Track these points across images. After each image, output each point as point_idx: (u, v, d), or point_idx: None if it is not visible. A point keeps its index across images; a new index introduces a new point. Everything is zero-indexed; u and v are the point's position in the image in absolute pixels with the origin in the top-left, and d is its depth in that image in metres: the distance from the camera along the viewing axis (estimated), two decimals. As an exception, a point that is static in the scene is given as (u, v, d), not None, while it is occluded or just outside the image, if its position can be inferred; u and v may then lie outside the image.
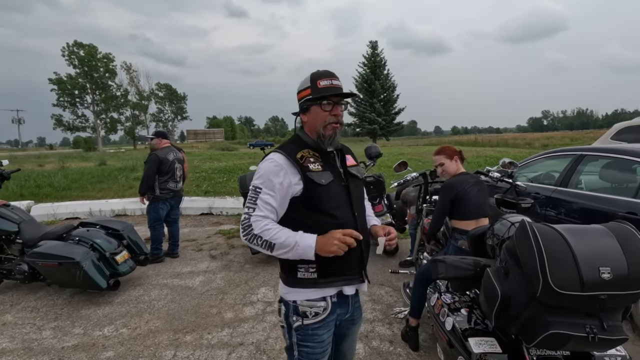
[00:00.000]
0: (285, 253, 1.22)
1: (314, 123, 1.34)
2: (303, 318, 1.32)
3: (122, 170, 11.81)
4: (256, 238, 1.22)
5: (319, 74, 1.33)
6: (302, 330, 1.33)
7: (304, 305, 1.31)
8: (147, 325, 2.92)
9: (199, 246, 4.96)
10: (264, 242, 1.21)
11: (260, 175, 1.27)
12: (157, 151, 4.28)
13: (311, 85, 1.32)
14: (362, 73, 38.80)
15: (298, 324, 1.33)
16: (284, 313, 1.36)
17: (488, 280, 1.46)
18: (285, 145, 1.36)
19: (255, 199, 1.25)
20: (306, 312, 1.31)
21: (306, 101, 1.33)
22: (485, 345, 1.53)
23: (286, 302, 1.35)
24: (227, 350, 2.54)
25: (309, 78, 1.33)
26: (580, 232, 1.26)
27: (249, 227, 1.23)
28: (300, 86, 1.37)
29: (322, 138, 1.33)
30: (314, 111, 1.33)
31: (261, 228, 1.22)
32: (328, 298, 1.33)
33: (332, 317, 1.35)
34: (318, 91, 1.30)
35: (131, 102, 45.27)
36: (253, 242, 1.23)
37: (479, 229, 2.01)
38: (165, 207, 4.34)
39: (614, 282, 1.15)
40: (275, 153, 1.32)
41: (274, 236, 1.21)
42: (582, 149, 3.47)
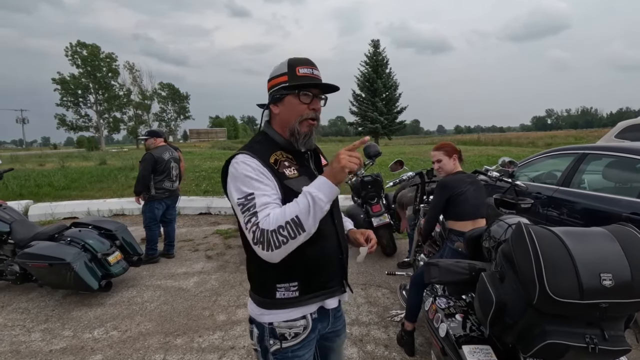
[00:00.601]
0: (314, 217, 0.98)
1: (287, 117, 1.14)
2: (281, 341, 1.16)
3: (122, 170, 11.80)
4: (277, 233, 0.97)
5: (298, 61, 1.13)
6: (280, 354, 1.17)
7: (282, 327, 1.15)
8: (138, 328, 2.86)
9: (195, 246, 4.91)
10: (287, 226, 0.97)
11: (241, 182, 1.03)
12: (152, 150, 4.23)
13: (288, 72, 1.12)
14: (364, 72, 38.62)
15: (276, 347, 1.16)
16: (257, 336, 1.19)
17: (483, 285, 1.39)
18: (252, 145, 1.13)
19: (253, 206, 1.00)
20: (284, 333, 1.15)
21: (280, 89, 1.12)
22: (480, 354, 1.45)
23: (260, 324, 1.17)
24: (218, 354, 2.48)
25: (285, 63, 1.14)
26: (580, 236, 1.18)
27: (263, 233, 0.97)
28: (274, 72, 1.16)
29: (296, 136, 1.14)
30: (289, 102, 1.13)
31: (273, 220, 0.98)
32: (308, 316, 1.17)
33: (313, 334, 1.21)
34: (297, 79, 1.11)
35: (134, 101, 45.38)
36: (280, 242, 0.97)
37: (475, 231, 1.93)
38: (161, 206, 4.29)
39: (616, 290, 1.07)
40: (245, 156, 1.07)
41: (290, 212, 0.98)
42: (584, 147, 3.38)
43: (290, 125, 1.14)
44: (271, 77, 1.17)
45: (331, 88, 1.17)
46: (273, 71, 1.17)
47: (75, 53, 39.72)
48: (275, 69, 1.16)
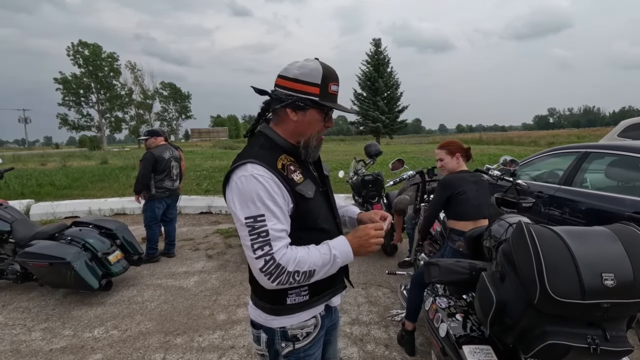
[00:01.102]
0: (324, 275, 1.05)
1: (304, 129, 1.10)
2: (294, 342, 1.14)
3: (123, 169, 11.83)
4: (292, 276, 0.98)
5: (331, 74, 1.07)
6: (293, 356, 1.16)
7: (294, 328, 1.14)
8: (138, 327, 2.86)
9: (195, 245, 4.91)
10: (303, 274, 1.00)
11: (249, 200, 0.98)
12: (153, 149, 4.23)
13: (321, 85, 1.05)
14: (366, 71, 38.55)
15: (289, 349, 1.14)
16: (265, 341, 1.15)
17: (483, 285, 1.37)
18: (257, 152, 1.06)
19: (264, 232, 0.97)
20: (297, 334, 1.14)
21: (308, 100, 1.06)
22: (481, 354, 1.44)
23: (269, 328, 1.14)
24: (218, 354, 2.47)
25: (320, 73, 1.05)
26: (581, 235, 1.17)
27: (278, 268, 0.96)
28: (304, 76, 1.05)
29: (308, 149, 1.11)
30: (313, 116, 1.08)
31: (293, 262, 0.98)
32: (317, 315, 1.18)
33: (322, 332, 1.22)
34: (328, 96, 1.07)
35: (135, 101, 45.46)
36: (288, 282, 0.99)
37: (476, 230, 1.92)
38: (161, 206, 4.28)
39: (618, 290, 1.05)
40: (253, 165, 1.01)
41: (311, 262, 1.00)
42: (587, 146, 3.35)
43: (306, 138, 1.11)
44: (299, 80, 1.05)
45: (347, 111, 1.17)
46: (301, 73, 1.05)
47: (77, 53, 39.79)
48: (304, 72, 1.05)
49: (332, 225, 1.18)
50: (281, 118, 1.11)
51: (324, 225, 1.14)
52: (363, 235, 1.06)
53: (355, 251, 1.07)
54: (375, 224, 1.09)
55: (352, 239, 1.08)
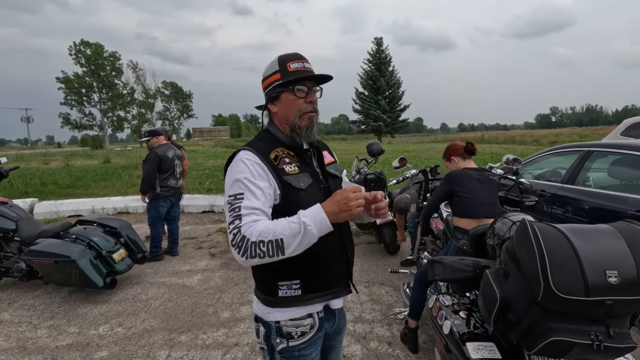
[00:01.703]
0: (298, 246, 0.97)
1: (286, 113, 1.15)
2: (288, 340, 1.15)
3: (126, 168, 11.86)
4: (257, 246, 0.95)
5: (288, 56, 1.14)
6: (287, 353, 1.16)
7: (289, 325, 1.14)
8: (143, 325, 2.88)
9: (199, 244, 4.93)
10: (268, 244, 0.95)
11: (234, 180, 1.04)
12: (156, 149, 4.24)
13: (280, 69, 1.12)
14: (367, 70, 38.47)
15: (282, 346, 1.15)
16: (263, 334, 1.18)
17: (487, 282, 1.38)
18: (255, 142, 1.15)
19: (238, 207, 1.00)
20: (291, 332, 1.15)
21: (275, 87, 1.13)
22: (484, 351, 1.45)
23: (266, 322, 1.16)
24: (222, 351, 2.49)
25: (276, 61, 1.14)
26: (585, 233, 1.17)
27: (243, 240, 0.96)
28: (266, 72, 1.16)
29: (298, 130, 1.14)
30: (286, 99, 1.14)
31: (257, 231, 0.96)
32: (315, 314, 1.17)
33: (320, 333, 1.21)
34: (289, 74, 1.11)
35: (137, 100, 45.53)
36: (256, 254, 0.96)
37: (479, 228, 1.93)
38: (165, 204, 4.31)
39: (622, 287, 1.06)
40: (245, 151, 1.09)
41: (277, 232, 0.96)
42: (590, 144, 3.35)
43: (290, 121, 1.15)
44: (264, 77, 1.17)
45: (324, 78, 1.16)
46: (265, 71, 1.17)
47: (79, 52, 39.87)
48: (267, 69, 1.17)
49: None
50: (272, 114, 1.20)
51: None
52: (341, 199, 0.99)
53: (335, 216, 0.99)
54: (354, 187, 1.03)
55: (329, 204, 1.00)
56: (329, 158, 1.28)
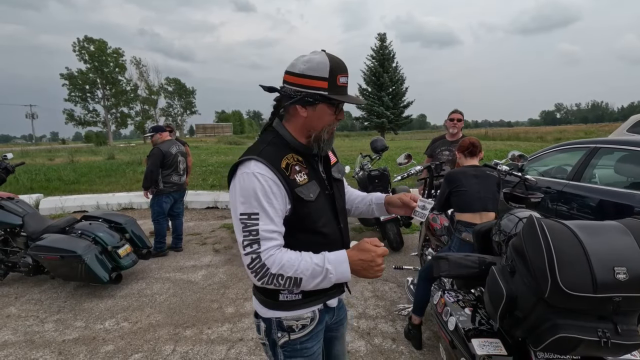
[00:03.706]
0: (314, 286, 1.01)
1: (314, 124, 1.08)
2: (289, 333, 1.15)
3: (130, 164, 11.93)
4: (276, 278, 0.98)
5: (339, 66, 1.04)
6: (289, 346, 1.17)
7: (289, 319, 1.14)
8: (148, 319, 2.90)
9: (202, 240, 4.95)
10: (286, 280, 0.98)
11: (246, 197, 0.99)
12: (160, 145, 4.25)
13: (329, 79, 1.02)
14: (371, 66, 38.33)
15: (284, 340, 1.16)
16: (264, 330, 1.18)
17: (493, 279, 1.38)
18: (263, 148, 1.06)
19: (254, 231, 0.97)
20: (292, 325, 1.15)
21: (317, 95, 1.03)
22: (490, 347, 1.45)
23: (266, 318, 1.16)
24: (227, 346, 2.51)
25: (327, 66, 1.02)
26: (593, 229, 1.17)
27: (262, 268, 0.97)
28: (311, 71, 1.02)
29: (319, 142, 1.10)
30: (323, 110, 1.06)
31: (279, 263, 0.97)
32: (315, 309, 1.18)
33: (321, 326, 1.22)
34: (337, 89, 1.04)
35: (141, 96, 45.72)
36: (272, 284, 0.99)
37: (485, 225, 1.92)
38: (168, 200, 4.32)
39: (631, 283, 1.05)
40: (256, 163, 1.01)
41: (299, 270, 0.98)
42: (596, 141, 3.32)
43: (317, 133, 1.09)
44: (306, 75, 1.02)
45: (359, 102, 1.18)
46: (308, 68, 1.02)
47: (83, 48, 40.00)
48: (311, 67, 1.02)
49: (334, 229, 1.16)
50: (291, 114, 1.10)
51: (324, 229, 1.12)
52: (369, 260, 1.01)
53: (357, 273, 1.02)
54: (382, 249, 1.04)
55: (356, 259, 1.01)
56: (332, 158, 1.26)
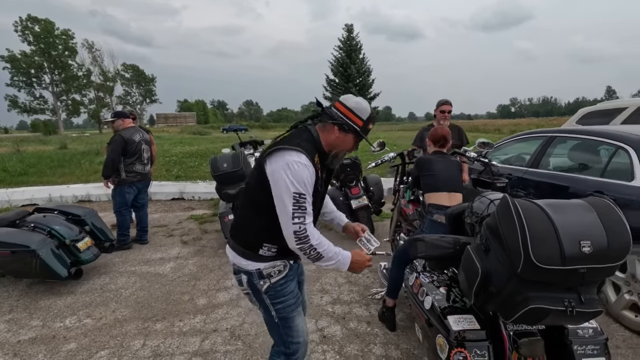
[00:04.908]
0: (324, 265, 1.38)
1: (339, 144, 1.44)
2: (269, 278, 1.45)
3: (86, 154, 11.14)
4: (311, 248, 1.31)
5: (373, 117, 1.46)
6: (272, 290, 1.46)
7: (267, 268, 1.44)
8: (114, 315, 2.76)
9: (169, 232, 4.76)
10: (317, 253, 1.33)
11: (299, 182, 1.29)
12: (122, 132, 4.00)
13: (365, 121, 1.42)
14: (338, 57, 38.39)
15: (267, 285, 1.45)
16: (246, 281, 1.47)
17: (468, 257, 1.44)
18: (303, 143, 1.36)
19: (303, 207, 1.29)
20: (270, 272, 1.45)
21: (352, 127, 1.41)
22: (464, 323, 1.52)
23: (247, 271, 1.45)
24: (200, 337, 2.44)
25: (368, 113, 1.43)
26: (561, 207, 1.24)
27: (306, 237, 1.30)
28: (357, 110, 1.42)
29: (335, 158, 1.47)
30: (349, 138, 1.44)
31: (317, 239, 1.32)
32: (286, 261, 1.48)
33: (293, 270, 1.52)
34: (365, 130, 1.44)
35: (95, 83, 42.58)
36: (306, 251, 1.32)
37: (457, 208, 1.99)
38: (132, 191, 4.10)
39: (594, 256, 1.14)
40: (302, 155, 1.32)
41: (326, 250, 1.34)
42: (552, 130, 3.55)
43: (338, 151, 1.47)
44: (353, 111, 1.41)
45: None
46: (357, 107, 1.42)
47: (26, 28, 36.52)
48: (359, 108, 1.42)
49: (316, 212, 1.48)
50: (327, 129, 1.43)
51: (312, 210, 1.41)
52: (361, 261, 1.45)
53: (351, 269, 1.43)
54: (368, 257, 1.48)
55: (354, 261, 1.42)
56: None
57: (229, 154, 3.89)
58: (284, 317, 1.51)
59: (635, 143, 2.62)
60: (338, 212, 1.79)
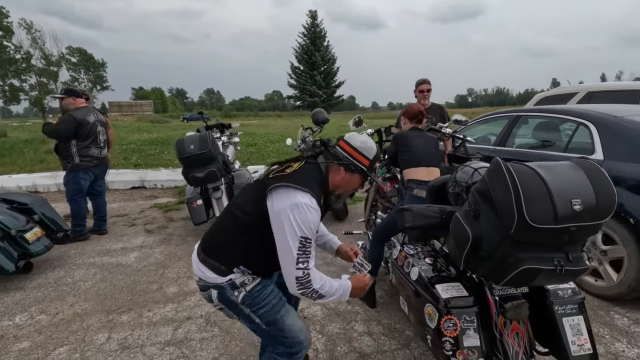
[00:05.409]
0: (326, 301, 1.38)
1: (345, 184, 1.43)
2: (244, 287, 1.34)
3: (29, 143, 10.15)
4: (313, 292, 1.28)
5: (378, 156, 1.46)
6: (249, 299, 1.35)
7: (240, 277, 1.35)
8: (72, 309, 2.52)
9: (131, 221, 4.45)
10: (319, 295, 1.29)
11: (306, 226, 1.24)
12: (73, 112, 3.63)
13: (372, 161, 1.42)
14: (302, 44, 37.96)
15: (243, 294, 1.34)
16: (217, 296, 1.36)
17: (458, 224, 1.42)
18: (312, 184, 1.32)
19: (308, 252, 1.25)
20: (244, 280, 1.35)
21: (358, 167, 1.39)
22: (452, 290, 1.51)
23: (217, 285, 1.34)
24: (173, 326, 2.29)
25: (374, 152, 1.43)
26: (550, 167, 1.25)
27: (308, 282, 1.26)
28: (364, 150, 1.41)
29: (338, 199, 1.49)
30: (355, 179, 1.43)
31: (319, 282, 1.29)
32: None
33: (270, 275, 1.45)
34: (371, 170, 1.44)
35: (36, 67, 38.85)
36: (307, 295, 1.29)
37: (438, 180, 1.99)
38: (87, 177, 3.76)
39: (584, 213, 1.15)
40: (311, 197, 1.28)
41: (327, 290, 1.31)
42: (518, 110, 3.69)
43: (342, 192, 1.48)
44: (358, 150, 1.40)
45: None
46: (363, 147, 1.41)
47: (-50, 3, 32.37)
48: (364, 147, 1.41)
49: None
50: (333, 170, 1.41)
51: None
52: (362, 285, 1.49)
53: (353, 294, 1.44)
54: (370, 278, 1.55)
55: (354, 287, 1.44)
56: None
57: (195, 135, 3.66)
58: (272, 321, 1.39)
59: (595, 119, 2.76)
60: (330, 235, 1.76)
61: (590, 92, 5.13)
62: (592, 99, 4.84)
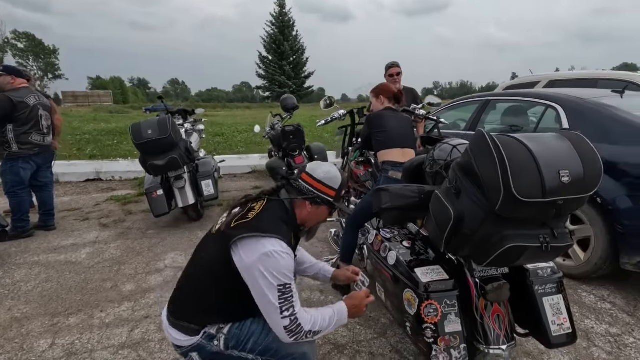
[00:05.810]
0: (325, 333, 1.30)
1: (313, 218, 1.37)
2: (221, 332, 1.27)
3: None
4: (308, 334, 1.22)
5: (345, 184, 1.39)
6: (233, 339, 1.26)
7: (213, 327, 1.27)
8: (10, 314, 2.23)
9: (84, 215, 4.08)
10: (313, 334, 1.23)
11: (281, 273, 1.17)
12: (10, 92, 3.22)
13: (337, 191, 1.35)
14: (271, 33, 37.07)
15: (223, 339, 1.25)
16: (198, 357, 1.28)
17: (439, 202, 1.32)
18: (278, 226, 1.24)
19: (290, 297, 1.18)
20: (219, 326, 1.27)
21: (324, 199, 1.33)
22: (432, 274, 1.42)
23: (194, 345, 1.26)
24: (129, 327, 2.07)
25: (339, 181, 1.36)
26: (536, 139, 1.17)
27: (298, 327, 1.19)
28: (327, 180, 1.34)
29: (309, 233, 1.43)
30: (322, 211, 1.37)
31: (310, 323, 1.22)
32: None
33: None
34: (338, 199, 1.37)
35: (-24, 52, 35.43)
36: (302, 339, 1.21)
37: (415, 160, 1.89)
38: (28, 166, 3.36)
39: (572, 186, 1.08)
40: (280, 243, 1.20)
41: (320, 325, 1.24)
42: (487, 94, 3.70)
43: (312, 225, 1.42)
44: (322, 182, 1.33)
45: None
46: (326, 177, 1.34)
47: None
48: (329, 178, 1.34)
49: None
50: (299, 205, 1.34)
51: None
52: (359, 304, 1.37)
53: (352, 315, 1.35)
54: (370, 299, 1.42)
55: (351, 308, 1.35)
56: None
57: (154, 119, 3.36)
58: (265, 348, 1.27)
59: (563, 101, 2.79)
60: (321, 263, 1.66)
61: (552, 80, 5.31)
62: (554, 86, 5.00)
